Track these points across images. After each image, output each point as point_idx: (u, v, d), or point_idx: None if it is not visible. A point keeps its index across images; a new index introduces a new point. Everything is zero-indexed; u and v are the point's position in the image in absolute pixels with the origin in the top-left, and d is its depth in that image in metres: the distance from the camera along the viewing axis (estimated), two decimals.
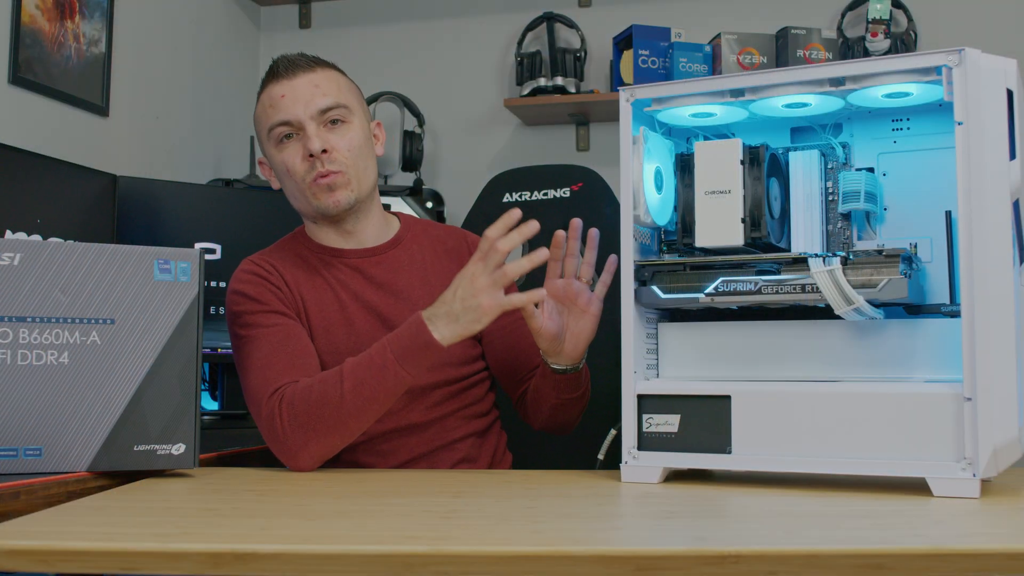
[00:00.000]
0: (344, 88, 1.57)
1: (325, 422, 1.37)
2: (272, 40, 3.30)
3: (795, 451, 1.19)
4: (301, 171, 1.52)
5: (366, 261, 1.59)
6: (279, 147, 1.54)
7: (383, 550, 0.87)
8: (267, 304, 1.50)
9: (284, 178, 1.56)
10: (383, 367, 1.36)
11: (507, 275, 1.33)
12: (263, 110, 1.56)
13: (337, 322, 1.53)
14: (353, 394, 1.36)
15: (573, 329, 1.42)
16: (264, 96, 1.56)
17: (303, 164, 1.52)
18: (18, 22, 2.18)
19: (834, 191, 1.34)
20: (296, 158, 1.52)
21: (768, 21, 2.89)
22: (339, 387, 1.37)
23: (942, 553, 0.86)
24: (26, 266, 1.23)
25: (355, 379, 1.36)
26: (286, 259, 1.57)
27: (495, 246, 1.33)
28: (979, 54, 1.14)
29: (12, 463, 1.21)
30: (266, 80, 1.57)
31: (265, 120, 1.55)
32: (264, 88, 1.57)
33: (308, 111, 1.52)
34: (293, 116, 1.51)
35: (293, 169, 1.53)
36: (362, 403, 1.36)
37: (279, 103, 1.53)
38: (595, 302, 1.42)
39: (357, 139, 1.55)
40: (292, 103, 1.52)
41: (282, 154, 1.54)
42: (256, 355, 1.45)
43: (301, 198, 1.55)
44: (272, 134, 1.54)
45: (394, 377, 1.36)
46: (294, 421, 1.37)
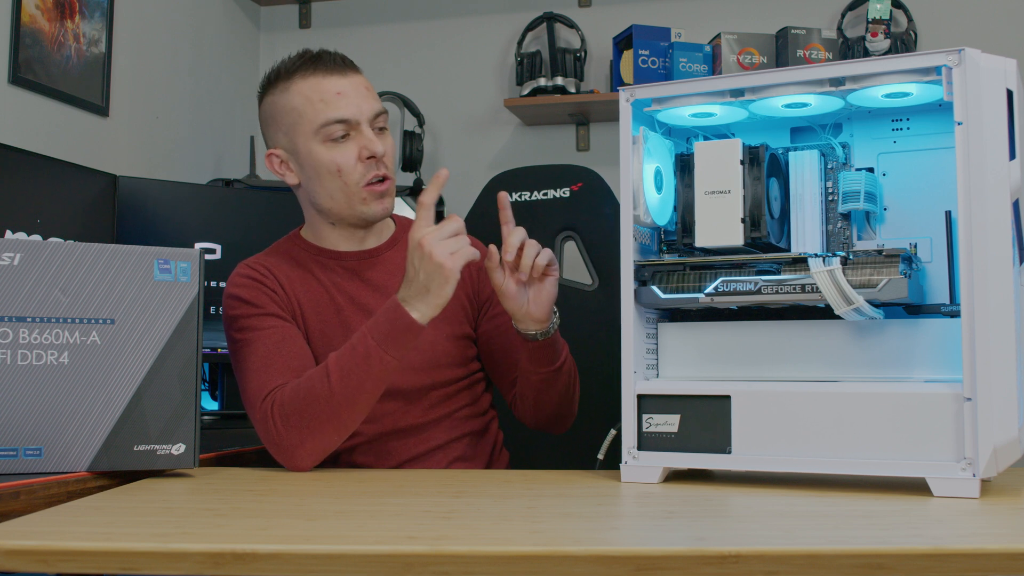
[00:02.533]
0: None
1: (318, 418, 1.37)
2: (272, 40, 3.30)
3: (795, 451, 1.19)
4: (356, 173, 1.49)
5: (363, 263, 1.59)
6: (329, 145, 1.49)
7: (383, 550, 0.87)
8: (263, 307, 1.49)
9: (327, 177, 1.50)
10: (367, 355, 1.36)
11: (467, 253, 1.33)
12: (308, 103, 1.49)
13: (333, 325, 1.53)
14: (341, 385, 1.36)
15: (535, 291, 1.43)
16: (307, 87, 1.50)
17: (359, 165, 1.49)
18: (18, 22, 2.18)
19: (834, 191, 1.34)
20: (351, 158, 1.49)
21: (768, 21, 2.89)
22: (326, 381, 1.37)
23: (942, 553, 0.86)
24: (26, 266, 1.23)
25: (341, 371, 1.36)
26: (282, 262, 1.56)
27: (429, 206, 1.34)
28: (979, 54, 1.14)
29: (12, 463, 1.21)
30: (305, 70, 1.51)
31: (312, 114, 1.49)
32: (303, 78, 1.51)
33: (365, 113, 1.50)
34: (352, 115, 1.49)
35: (347, 169, 1.49)
36: (351, 393, 1.36)
37: (335, 100, 1.48)
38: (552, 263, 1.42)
39: (394, 147, 1.56)
40: (350, 101, 1.49)
41: (332, 152, 1.49)
42: (252, 358, 1.45)
43: (343, 200, 1.51)
44: (324, 130, 1.48)
45: (379, 363, 1.36)
46: (287, 422, 1.37)
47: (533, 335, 1.46)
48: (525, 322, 1.45)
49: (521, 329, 1.46)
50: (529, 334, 1.46)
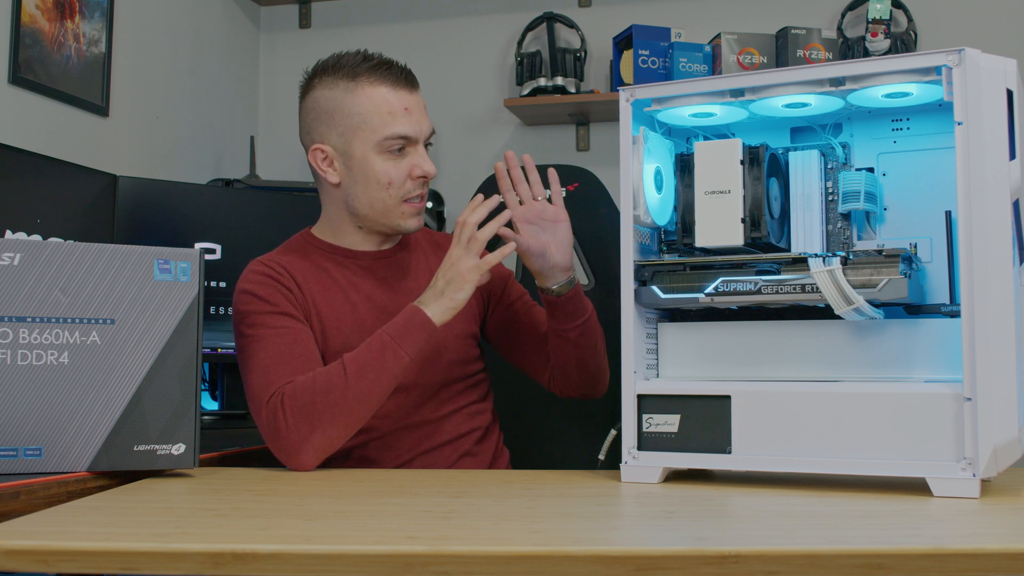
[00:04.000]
0: None
1: (330, 410, 1.38)
2: (272, 40, 3.30)
3: (795, 451, 1.19)
4: (404, 189, 1.53)
5: (378, 263, 1.60)
6: (385, 156, 1.51)
7: (383, 550, 0.87)
8: (277, 305, 1.49)
9: (374, 186, 1.52)
10: (382, 349, 1.41)
11: (478, 239, 1.44)
12: (375, 112, 1.50)
13: (349, 323, 1.54)
14: (356, 379, 1.39)
15: (553, 239, 1.52)
16: (377, 95, 1.51)
17: (409, 182, 1.53)
18: (18, 22, 2.18)
19: (834, 191, 1.34)
20: (402, 174, 1.52)
21: (768, 21, 2.89)
22: (342, 375, 1.39)
23: (942, 553, 0.86)
24: (26, 266, 1.23)
25: (357, 365, 1.40)
26: (295, 261, 1.57)
27: (475, 235, 1.44)
28: (979, 54, 1.14)
29: (12, 463, 1.21)
30: (373, 76, 1.52)
31: (379, 124, 1.50)
32: (371, 84, 1.51)
33: (424, 132, 1.55)
34: (415, 134, 1.52)
35: (396, 184, 1.52)
36: (366, 387, 1.39)
37: (403, 115, 1.51)
38: (561, 210, 1.53)
39: None
40: (415, 120, 1.53)
41: (387, 164, 1.51)
42: (261, 355, 1.45)
43: (382, 210, 1.54)
44: (386, 143, 1.50)
45: (393, 356, 1.40)
46: (298, 414, 1.38)
47: (560, 288, 1.52)
48: (552, 274, 1.52)
49: (548, 286, 1.53)
50: (556, 288, 1.52)
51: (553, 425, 1.99)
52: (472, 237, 1.44)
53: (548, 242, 1.51)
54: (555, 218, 1.52)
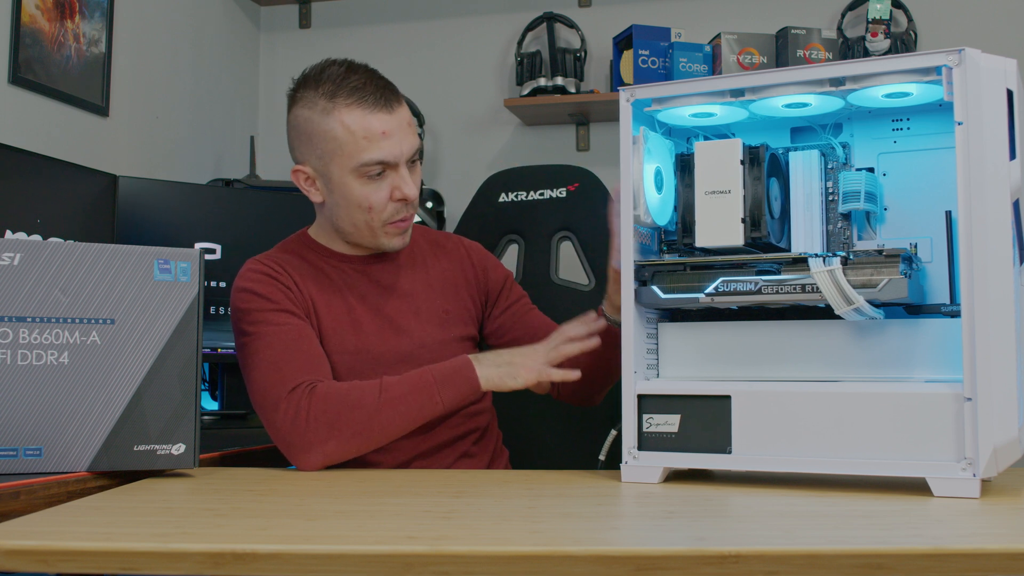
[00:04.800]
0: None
1: (352, 425, 1.38)
2: (272, 40, 3.30)
3: (795, 451, 1.19)
4: (386, 213, 1.51)
5: (373, 266, 1.60)
6: (364, 181, 1.48)
7: (383, 550, 0.87)
8: (278, 303, 1.49)
9: (355, 210, 1.50)
10: (423, 387, 1.41)
11: (562, 352, 1.44)
12: (352, 138, 1.46)
13: (346, 324, 1.53)
14: (389, 406, 1.40)
15: None
16: (352, 121, 1.46)
17: (391, 205, 1.50)
18: (18, 22, 2.18)
19: (834, 191, 1.34)
20: (383, 198, 1.50)
21: (768, 21, 2.89)
22: (377, 395, 1.40)
23: (942, 553, 0.86)
24: (26, 266, 1.23)
25: (392, 393, 1.41)
26: (292, 261, 1.57)
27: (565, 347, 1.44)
28: (979, 54, 1.14)
29: (12, 463, 1.21)
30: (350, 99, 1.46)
31: (354, 150, 1.46)
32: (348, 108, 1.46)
33: (405, 154, 1.50)
34: (393, 157, 1.48)
35: (377, 208, 1.50)
36: (394, 416, 1.40)
37: (379, 140, 1.46)
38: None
39: (420, 175, 1.57)
40: (393, 143, 1.47)
41: (366, 189, 1.48)
42: (268, 351, 1.44)
43: (366, 231, 1.53)
44: (363, 169, 1.47)
45: (429, 399, 1.41)
46: (320, 416, 1.38)
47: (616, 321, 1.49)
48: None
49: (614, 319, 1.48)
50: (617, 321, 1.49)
51: (553, 425, 2.00)
52: (558, 347, 1.44)
53: None
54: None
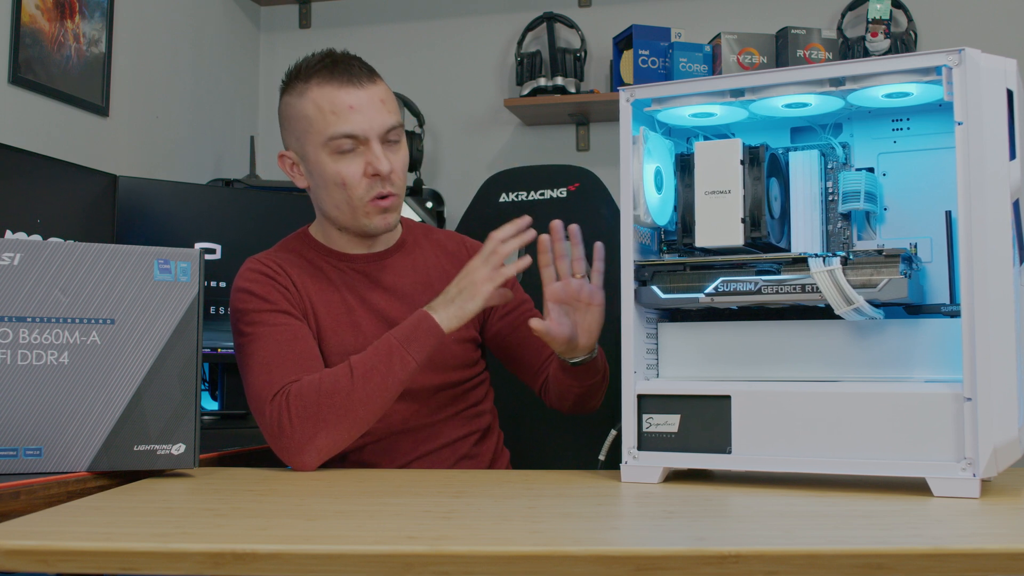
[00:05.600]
0: (397, 105, 1.56)
1: (335, 412, 1.38)
2: (272, 40, 3.30)
3: (795, 451, 1.19)
4: (361, 189, 1.50)
5: (372, 265, 1.60)
6: (336, 157, 1.49)
7: (383, 550, 0.87)
8: (274, 303, 1.49)
9: (332, 188, 1.51)
10: (388, 353, 1.40)
11: (499, 252, 1.43)
12: (319, 113, 1.48)
13: (344, 324, 1.53)
14: (363, 381, 1.39)
15: (583, 324, 1.45)
16: (321, 98, 1.48)
17: (364, 181, 1.50)
18: (18, 22, 2.18)
19: (834, 191, 1.34)
20: (356, 173, 1.49)
21: (768, 21, 2.89)
22: (348, 377, 1.39)
23: (942, 553, 0.86)
24: (26, 266, 1.23)
25: (363, 368, 1.40)
26: (292, 260, 1.57)
27: (498, 248, 1.42)
28: (979, 54, 1.14)
29: (12, 463, 1.21)
30: (321, 78, 1.49)
31: (322, 125, 1.48)
32: (318, 85, 1.49)
33: (375, 128, 1.49)
34: (362, 131, 1.48)
35: (351, 183, 1.49)
36: (371, 390, 1.39)
37: (347, 114, 1.47)
38: (596, 293, 1.45)
39: (406, 158, 1.56)
40: (362, 117, 1.48)
41: (338, 164, 1.49)
42: (261, 353, 1.45)
43: (347, 211, 1.52)
44: (332, 143, 1.48)
45: (400, 361, 1.40)
46: (302, 414, 1.37)
47: (579, 362, 1.48)
48: (572, 353, 1.47)
49: (566, 358, 1.48)
50: (577, 361, 1.48)
51: (553, 425, 2.00)
52: (494, 251, 1.43)
53: (576, 324, 1.44)
54: (590, 300, 1.44)
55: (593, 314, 1.44)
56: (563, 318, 1.44)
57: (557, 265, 1.44)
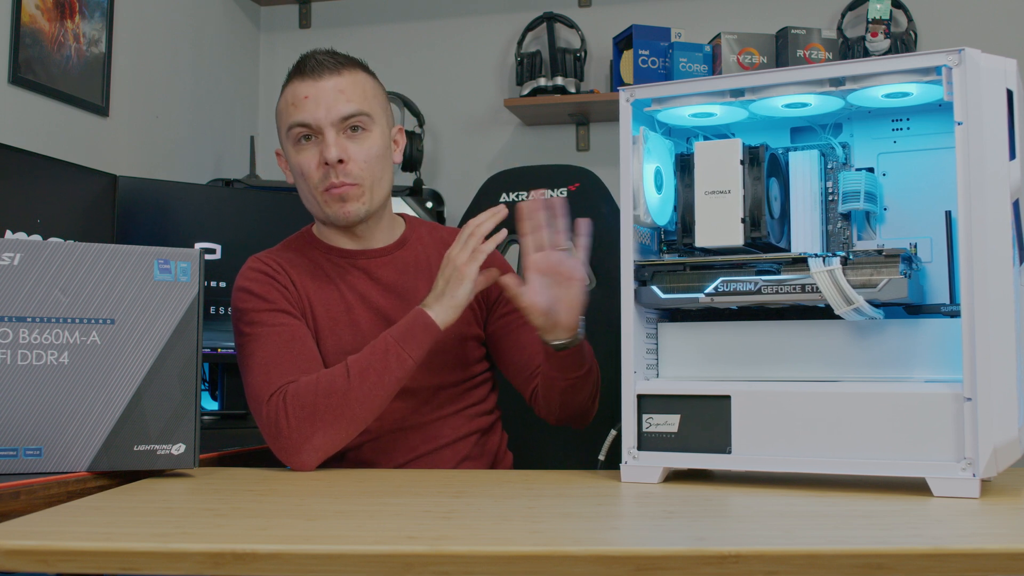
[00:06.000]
0: (369, 94, 1.55)
1: (332, 411, 1.38)
2: (272, 40, 3.30)
3: (795, 451, 1.19)
4: (315, 178, 1.52)
5: (373, 263, 1.60)
6: (296, 147, 1.53)
7: (383, 550, 0.87)
8: (273, 303, 1.50)
9: (298, 179, 1.56)
10: (385, 351, 1.40)
11: (476, 234, 1.43)
12: (285, 106, 1.54)
13: (343, 323, 1.53)
14: (359, 380, 1.39)
15: (563, 298, 1.42)
16: (288, 92, 1.54)
17: (318, 171, 1.51)
18: (18, 22, 2.18)
19: (834, 191, 1.34)
20: (312, 163, 1.51)
21: (768, 21, 2.89)
22: (344, 377, 1.39)
23: (942, 553, 0.86)
24: (26, 266, 1.23)
25: (359, 367, 1.40)
26: (293, 259, 1.57)
27: (475, 231, 1.43)
28: (979, 54, 1.14)
29: (12, 463, 1.21)
30: (292, 75, 1.55)
31: (285, 117, 1.53)
32: (289, 82, 1.54)
33: (329, 117, 1.50)
34: (313, 120, 1.50)
35: (307, 173, 1.52)
36: (368, 389, 1.39)
37: (301, 103, 1.51)
38: (578, 266, 1.42)
39: (375, 149, 1.53)
40: (314, 106, 1.50)
41: (299, 156, 1.53)
42: (260, 354, 1.45)
43: (312, 202, 1.55)
44: (291, 133, 1.52)
45: (396, 359, 1.40)
46: (299, 414, 1.38)
47: (562, 344, 1.45)
48: (553, 332, 1.44)
49: (548, 340, 1.45)
50: (557, 344, 1.45)
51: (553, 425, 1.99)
52: (472, 233, 1.43)
53: (557, 298, 1.41)
54: (570, 274, 1.41)
55: (574, 288, 1.41)
56: (543, 289, 1.41)
57: (538, 235, 1.41)
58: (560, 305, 1.41)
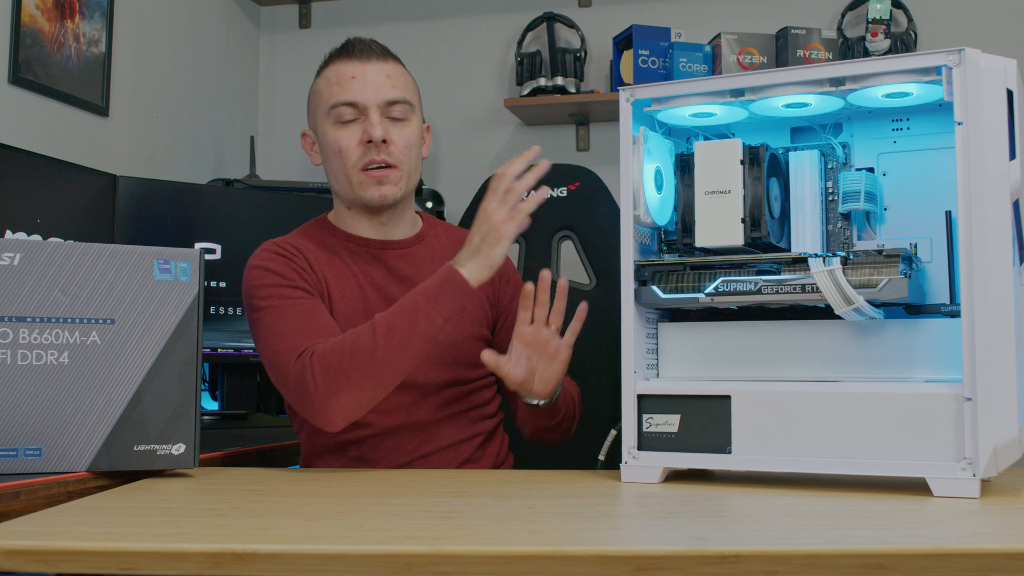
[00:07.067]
0: (411, 86, 1.61)
1: (359, 371, 1.35)
2: (272, 40, 3.30)
3: (795, 451, 1.19)
4: (355, 156, 1.53)
5: (391, 253, 1.60)
6: (336, 126, 1.54)
7: (383, 550, 0.87)
8: (291, 280, 1.49)
9: (332, 158, 1.55)
10: (414, 310, 1.37)
11: (515, 190, 1.37)
12: (327, 85, 1.55)
13: (357, 311, 1.53)
14: (386, 339, 1.35)
15: (542, 373, 1.46)
16: (330, 72, 1.55)
17: (358, 148, 1.53)
18: (18, 22, 2.18)
19: (834, 191, 1.34)
20: (352, 141, 1.53)
21: (768, 21, 2.89)
22: (372, 335, 1.36)
23: (942, 553, 0.86)
24: (26, 266, 1.23)
25: (387, 326, 1.37)
26: (309, 245, 1.57)
27: (513, 185, 1.37)
28: (979, 54, 1.14)
29: (12, 463, 1.21)
30: (335, 56, 1.57)
31: (327, 96, 1.54)
32: (331, 63, 1.56)
33: (376, 98, 1.53)
34: (360, 99, 1.52)
35: (346, 151, 1.53)
36: (396, 348, 1.36)
37: (348, 83, 1.53)
38: (564, 349, 1.45)
39: (414, 137, 1.57)
40: (362, 86, 1.52)
41: (338, 133, 1.53)
42: (280, 323, 1.43)
43: (345, 182, 1.55)
44: (333, 112, 1.53)
45: (426, 318, 1.36)
46: (326, 372, 1.35)
47: (535, 404, 1.50)
48: (528, 395, 1.49)
49: (524, 398, 1.50)
50: (531, 403, 1.50)
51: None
52: (509, 188, 1.37)
53: (535, 370, 1.45)
54: (554, 355, 1.44)
55: (555, 367, 1.45)
56: (522, 360, 1.45)
57: (536, 312, 1.44)
58: (537, 376, 1.46)
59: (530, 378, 1.45)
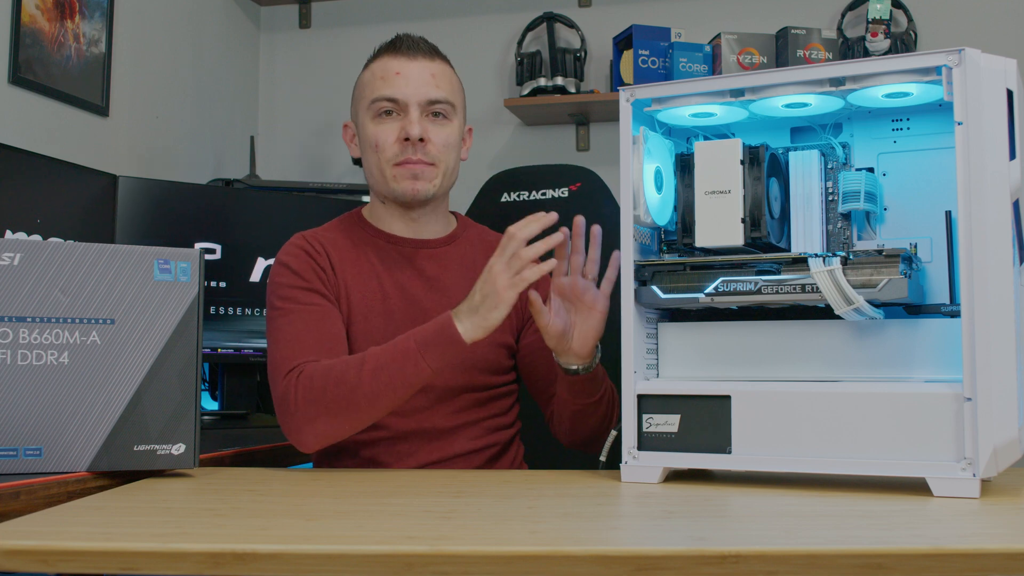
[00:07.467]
0: (456, 87, 1.61)
1: (338, 402, 1.36)
2: (272, 40, 3.30)
3: (795, 451, 1.19)
4: (391, 152, 1.53)
5: (420, 253, 1.59)
6: (376, 120, 1.55)
7: (383, 550, 0.87)
8: (308, 282, 1.50)
9: (369, 151, 1.56)
10: (404, 355, 1.36)
11: (522, 256, 1.33)
12: (372, 78, 1.56)
13: (377, 310, 1.53)
14: (371, 377, 1.35)
15: (581, 327, 1.41)
16: (376, 65, 1.56)
17: (395, 145, 1.53)
18: (18, 22, 2.18)
19: (834, 191, 1.34)
20: (390, 136, 1.53)
21: (768, 21, 2.89)
22: (358, 370, 1.36)
23: (942, 553, 0.86)
24: (26, 266, 1.23)
25: (376, 364, 1.36)
26: (338, 239, 1.58)
27: (520, 252, 1.33)
28: (979, 54, 1.14)
29: (12, 463, 1.21)
30: (383, 50, 1.58)
31: (370, 89, 1.55)
32: (377, 57, 1.57)
33: (418, 96, 1.54)
34: (402, 96, 1.53)
35: (383, 146, 1.54)
36: (378, 388, 1.35)
37: (392, 78, 1.54)
38: (601, 299, 1.41)
39: (454, 136, 1.58)
40: (404, 83, 1.53)
41: (376, 128, 1.54)
42: (287, 330, 1.45)
43: (379, 176, 1.56)
44: (374, 106, 1.54)
45: (414, 367, 1.35)
46: (308, 396, 1.37)
47: (574, 370, 1.44)
48: (566, 356, 1.43)
49: (562, 363, 1.44)
50: (570, 368, 1.44)
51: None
52: (516, 253, 1.33)
53: (573, 325, 1.40)
54: (592, 304, 1.40)
55: (593, 319, 1.40)
56: (562, 312, 1.40)
57: (571, 260, 1.41)
58: (576, 332, 1.41)
59: (569, 332, 1.40)
